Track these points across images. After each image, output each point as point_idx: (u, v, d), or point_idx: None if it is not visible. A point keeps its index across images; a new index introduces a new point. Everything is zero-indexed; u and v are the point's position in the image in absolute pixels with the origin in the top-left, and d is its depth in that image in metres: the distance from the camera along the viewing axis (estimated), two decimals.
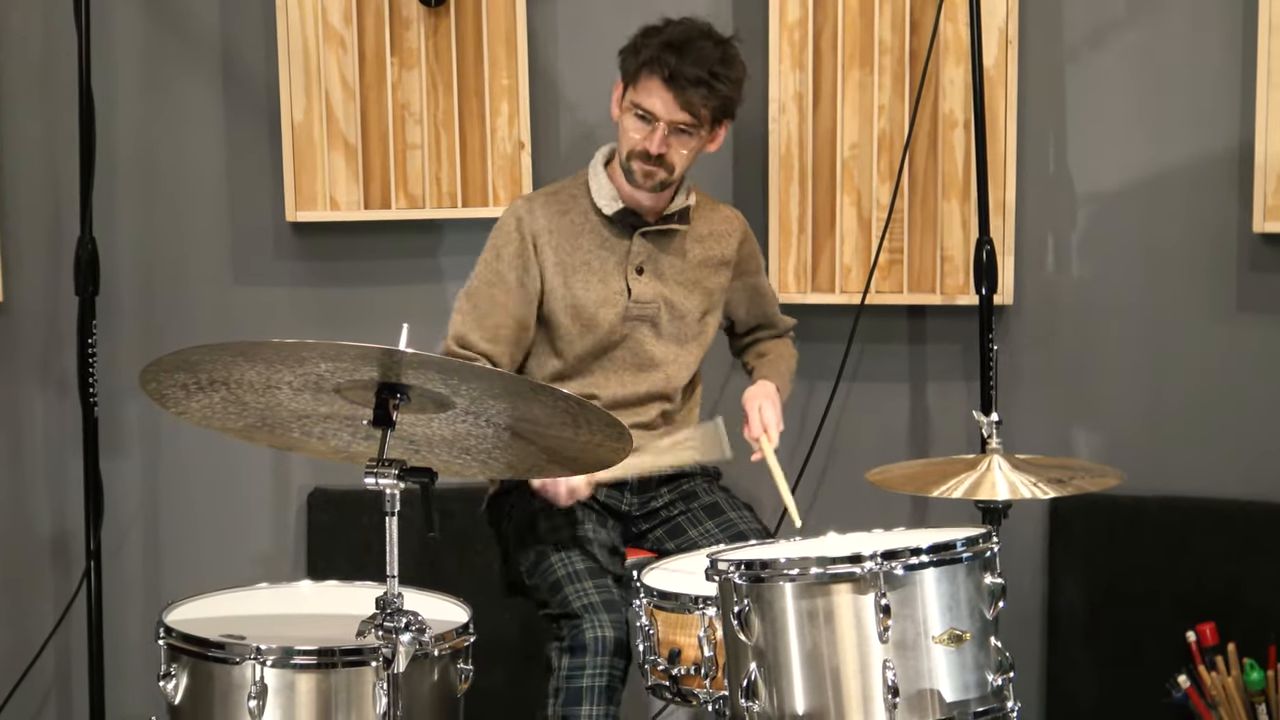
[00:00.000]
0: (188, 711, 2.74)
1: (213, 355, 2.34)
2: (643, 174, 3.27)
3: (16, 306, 4.11)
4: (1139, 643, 3.97)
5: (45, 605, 4.13)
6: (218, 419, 2.57)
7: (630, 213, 3.35)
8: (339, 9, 4.02)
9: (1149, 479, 3.99)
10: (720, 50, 3.26)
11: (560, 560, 3.18)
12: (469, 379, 2.36)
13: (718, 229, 3.48)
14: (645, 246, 3.37)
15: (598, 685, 2.99)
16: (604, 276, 3.34)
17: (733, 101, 3.29)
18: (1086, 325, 4.06)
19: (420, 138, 4.06)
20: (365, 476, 2.41)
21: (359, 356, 2.31)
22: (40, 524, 4.18)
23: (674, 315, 3.39)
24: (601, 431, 2.49)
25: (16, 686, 4.07)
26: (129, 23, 4.11)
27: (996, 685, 2.57)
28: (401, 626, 2.42)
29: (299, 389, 2.44)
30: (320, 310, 4.16)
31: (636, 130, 3.25)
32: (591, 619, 3.03)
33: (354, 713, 2.68)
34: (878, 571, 2.47)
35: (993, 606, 2.58)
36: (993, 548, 2.59)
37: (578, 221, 3.36)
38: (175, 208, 4.18)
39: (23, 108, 4.09)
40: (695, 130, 3.25)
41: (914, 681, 2.50)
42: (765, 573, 2.55)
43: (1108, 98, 3.99)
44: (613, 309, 3.33)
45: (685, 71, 3.19)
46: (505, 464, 2.65)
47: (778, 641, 2.54)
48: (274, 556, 4.19)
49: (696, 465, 3.43)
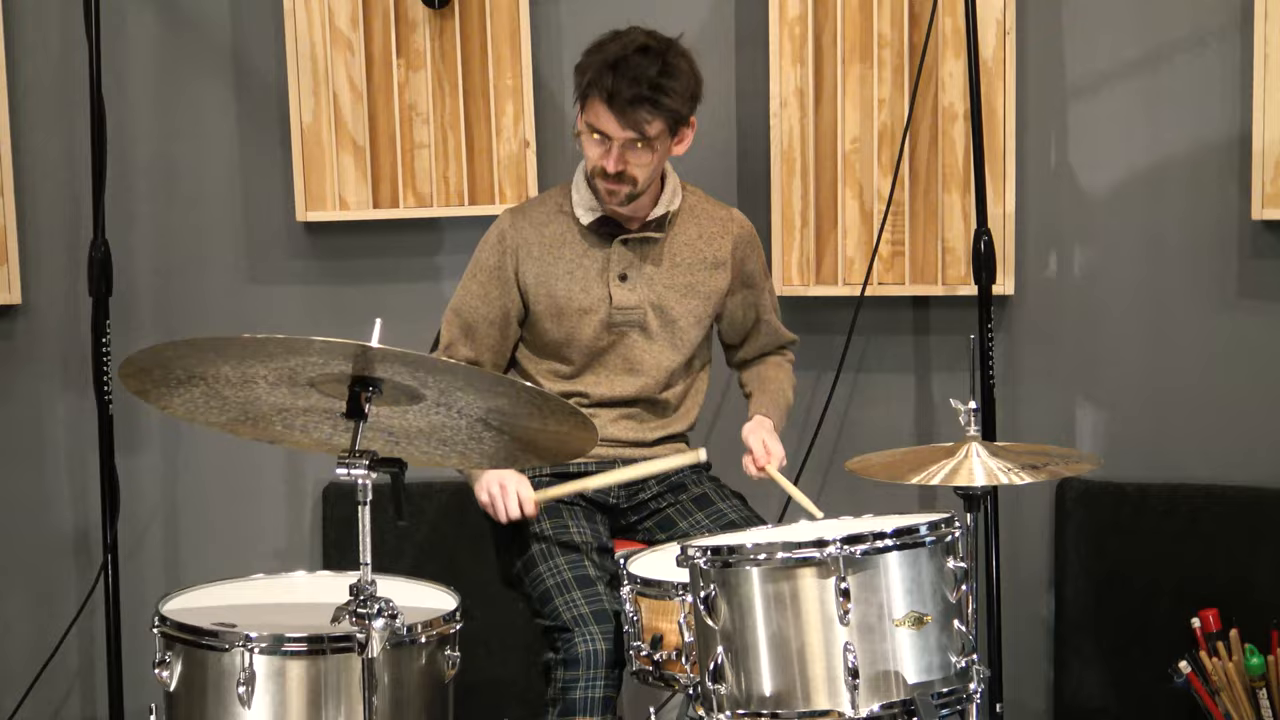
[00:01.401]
0: (182, 698, 2.82)
1: (182, 351, 2.42)
2: (606, 192, 3.31)
3: (37, 308, 4.22)
4: (1145, 629, 3.99)
5: (68, 597, 4.24)
6: (200, 413, 2.64)
7: (608, 221, 3.39)
8: (346, 13, 4.10)
9: (1153, 466, 4.02)
10: (659, 63, 3.23)
11: (549, 569, 3.21)
12: (434, 372, 2.43)
13: (709, 230, 3.47)
14: (626, 254, 3.40)
15: (592, 697, 3.04)
16: (585, 285, 3.37)
17: (680, 112, 3.28)
18: (1088, 314, 4.08)
19: (427, 138, 4.13)
20: (338, 467, 2.48)
21: (325, 350, 2.38)
22: (62, 520, 4.29)
23: (665, 320, 3.41)
24: (566, 421, 2.55)
25: (39, 675, 4.19)
26: (142, 29, 4.22)
27: (960, 667, 2.61)
28: (374, 612, 2.48)
29: (274, 383, 2.51)
30: (332, 307, 4.24)
31: (593, 150, 3.29)
32: (582, 632, 3.07)
33: (344, 698, 2.75)
34: (838, 556, 2.52)
35: (956, 590, 2.62)
36: (954, 532, 2.63)
37: (560, 232, 3.40)
38: (190, 209, 4.28)
39: (41, 115, 4.19)
40: (650, 143, 3.26)
41: (877, 663, 2.55)
42: (731, 558, 2.61)
43: (1107, 87, 4.01)
44: (595, 316, 3.37)
45: (623, 91, 3.18)
46: (481, 454, 2.71)
47: (744, 625, 2.60)
48: (290, 550, 4.28)
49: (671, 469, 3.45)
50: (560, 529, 3.29)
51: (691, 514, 3.40)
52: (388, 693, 2.76)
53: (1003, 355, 4.06)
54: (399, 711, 2.79)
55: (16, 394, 4.25)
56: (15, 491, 4.27)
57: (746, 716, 2.59)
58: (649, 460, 3.36)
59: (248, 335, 2.38)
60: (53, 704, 4.29)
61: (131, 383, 2.55)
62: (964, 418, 2.96)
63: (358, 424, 2.48)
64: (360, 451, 2.47)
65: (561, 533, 3.28)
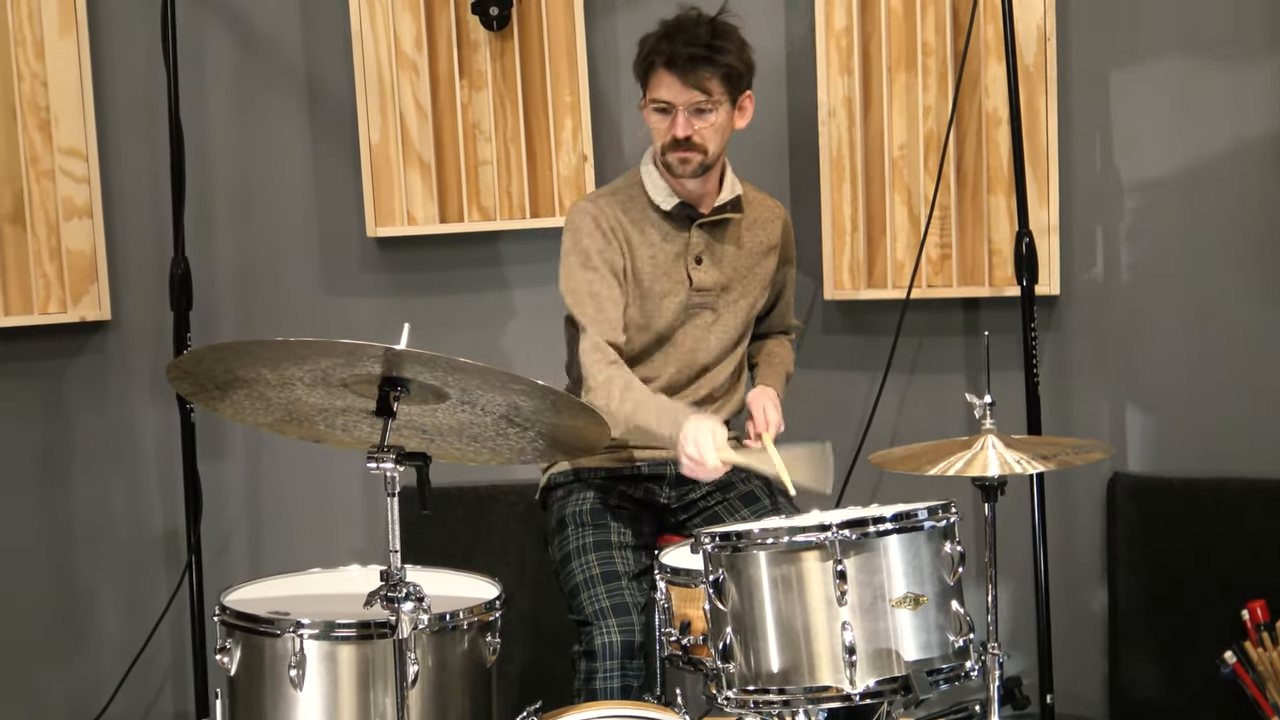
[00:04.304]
0: (242, 682, 3.00)
1: (223, 354, 2.60)
2: (679, 161, 3.45)
3: (125, 324, 4.45)
4: (1196, 621, 4.04)
5: (159, 597, 4.45)
6: (248, 414, 2.83)
7: (686, 205, 3.53)
8: (411, 36, 4.29)
9: (1201, 461, 4.08)
10: (709, 26, 3.42)
11: (579, 566, 3.37)
12: (453, 372, 2.59)
13: (762, 216, 3.66)
14: (703, 237, 3.54)
15: (611, 687, 3.19)
16: (666, 268, 3.52)
17: (737, 69, 3.44)
18: (1135, 312, 4.15)
19: (490, 154, 4.31)
20: (367, 461, 2.65)
21: (349, 353, 2.55)
22: (153, 523, 4.52)
23: (729, 300, 3.57)
24: (579, 416, 2.71)
25: (129, 670, 4.41)
26: (219, 57, 4.43)
27: (958, 646, 2.72)
28: (402, 597, 2.65)
29: (311, 384, 2.69)
30: (402, 318, 4.35)
31: (660, 123, 3.45)
32: (601, 624, 3.23)
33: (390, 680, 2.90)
34: (836, 540, 2.65)
35: (953, 572, 2.74)
36: (951, 518, 2.74)
37: (639, 217, 3.53)
38: (267, 226, 4.49)
39: (127, 140, 4.42)
40: (713, 106, 3.42)
41: (875, 640, 2.67)
42: (740, 543, 2.75)
43: (1148, 88, 4.08)
44: (675, 299, 3.52)
45: (680, 52, 3.38)
46: (510, 450, 2.86)
47: (751, 606, 2.73)
48: (368, 551, 4.45)
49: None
50: (601, 528, 3.43)
51: (738, 510, 3.52)
52: (431, 675, 2.91)
53: (1052, 354, 4.15)
54: (442, 694, 2.95)
55: (109, 405, 4.48)
56: (109, 496, 4.50)
57: (755, 692, 2.72)
58: (790, 463, 3.32)
59: (280, 339, 2.56)
60: (147, 699, 4.51)
61: (182, 386, 2.75)
62: (979, 411, 3.07)
63: (386, 421, 2.65)
64: (388, 447, 2.64)
65: (600, 532, 3.42)
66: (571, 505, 3.47)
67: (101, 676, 4.46)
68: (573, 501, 3.48)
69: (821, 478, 3.26)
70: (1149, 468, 4.15)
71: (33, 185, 4.24)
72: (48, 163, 4.25)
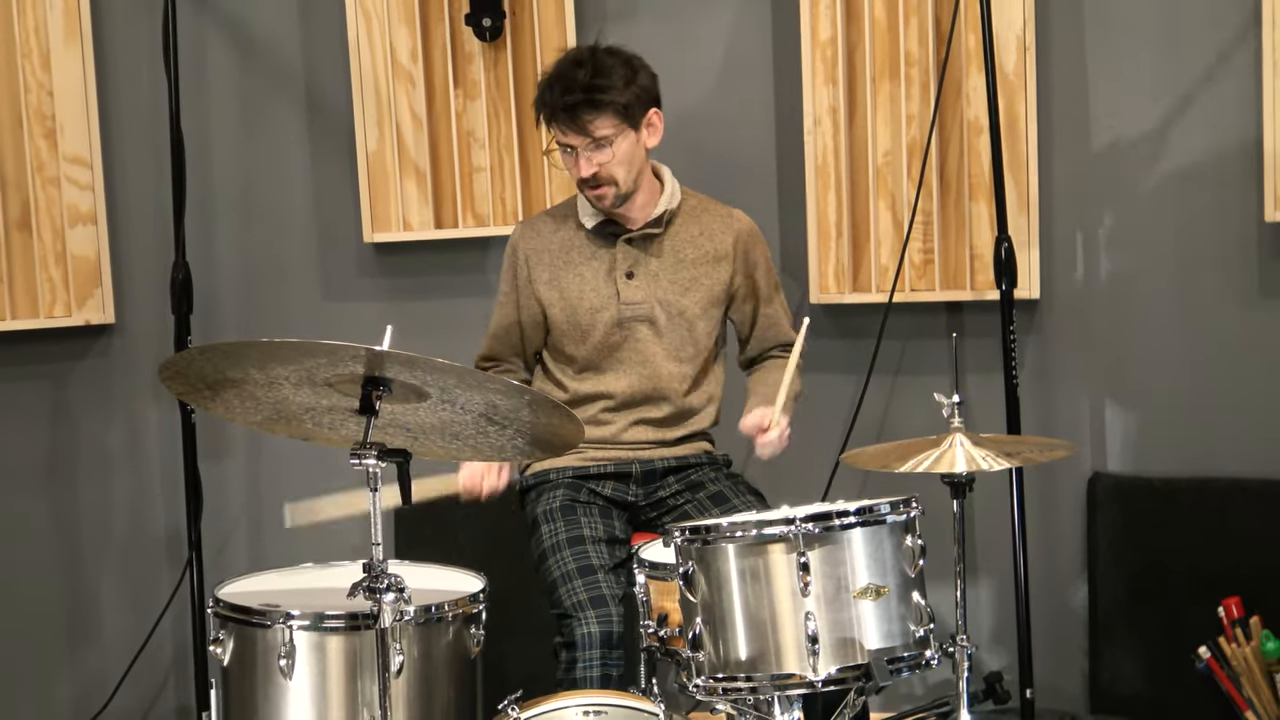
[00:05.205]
0: (235, 672, 3.10)
1: (209, 356, 2.71)
2: (594, 198, 3.56)
3: (129, 327, 4.55)
4: (1176, 618, 4.10)
5: (161, 592, 4.55)
6: (239, 413, 2.92)
7: (610, 223, 3.62)
8: (406, 48, 4.39)
9: (1180, 461, 4.16)
10: (589, 69, 3.44)
11: (555, 562, 3.45)
12: (432, 371, 2.69)
13: (710, 226, 3.66)
14: (631, 252, 3.61)
15: (590, 676, 3.27)
16: (595, 285, 3.61)
17: (622, 103, 3.45)
18: (1114, 315, 4.22)
19: (484, 161, 4.41)
20: (350, 458, 2.75)
21: (331, 353, 2.65)
22: (155, 521, 4.63)
23: (671, 314, 3.61)
24: (553, 415, 2.81)
25: (132, 664, 4.51)
26: (221, 66, 4.54)
27: (919, 635, 2.82)
28: (383, 588, 2.75)
29: (297, 384, 2.79)
30: (399, 322, 4.41)
31: (568, 163, 3.53)
32: (580, 616, 3.31)
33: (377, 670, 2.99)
34: (799, 533, 2.75)
35: (914, 565, 2.83)
36: (912, 512, 2.84)
37: (568, 237, 3.65)
38: (266, 232, 4.59)
39: (130, 147, 4.52)
40: (609, 141, 3.47)
41: (838, 630, 2.77)
42: (709, 536, 2.84)
43: (1127, 95, 4.15)
44: (607, 313, 3.60)
45: (559, 101, 3.44)
46: (491, 447, 2.95)
47: (720, 597, 2.83)
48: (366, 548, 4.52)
49: (704, 455, 3.67)
50: (573, 523, 3.52)
51: (708, 510, 3.58)
52: (417, 666, 3.02)
53: (1033, 356, 4.23)
54: (427, 684, 3.05)
55: (113, 406, 4.59)
56: (113, 495, 4.61)
57: (724, 680, 2.82)
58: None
59: (265, 340, 2.66)
60: (150, 693, 4.62)
61: (174, 386, 2.85)
62: (946, 410, 3.16)
63: (369, 419, 2.75)
64: (370, 444, 2.74)
65: (573, 527, 3.51)
66: (543, 504, 3.57)
67: (106, 671, 4.56)
68: (544, 500, 3.57)
69: None
70: (1129, 468, 4.23)
71: (39, 192, 4.34)
72: (53, 170, 4.36)
